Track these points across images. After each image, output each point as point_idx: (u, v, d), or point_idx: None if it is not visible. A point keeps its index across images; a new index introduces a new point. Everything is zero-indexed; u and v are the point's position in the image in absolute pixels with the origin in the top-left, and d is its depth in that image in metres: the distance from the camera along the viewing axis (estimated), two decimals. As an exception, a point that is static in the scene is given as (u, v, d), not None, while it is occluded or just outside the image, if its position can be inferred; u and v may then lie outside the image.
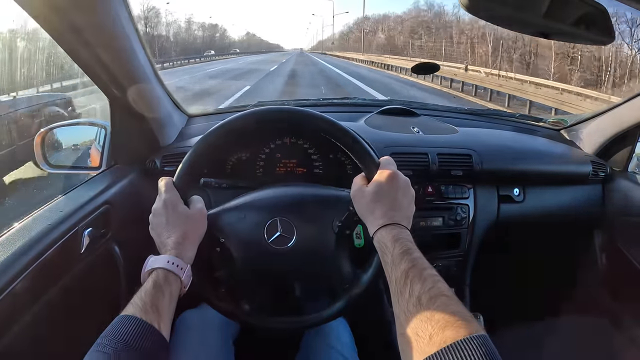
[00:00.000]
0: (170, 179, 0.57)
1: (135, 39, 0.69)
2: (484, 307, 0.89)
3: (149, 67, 0.77)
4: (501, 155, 0.94)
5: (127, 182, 0.82)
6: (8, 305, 0.52)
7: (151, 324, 0.44)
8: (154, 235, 0.56)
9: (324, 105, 1.15)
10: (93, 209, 0.71)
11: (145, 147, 0.86)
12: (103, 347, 0.41)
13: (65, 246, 0.63)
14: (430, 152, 0.86)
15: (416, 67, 1.11)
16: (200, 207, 0.58)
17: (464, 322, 0.36)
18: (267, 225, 0.60)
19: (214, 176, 0.80)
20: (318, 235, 0.60)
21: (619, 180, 0.99)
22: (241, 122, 0.59)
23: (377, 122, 0.98)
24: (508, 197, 0.95)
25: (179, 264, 0.51)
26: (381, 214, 0.52)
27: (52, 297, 0.61)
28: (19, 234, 0.60)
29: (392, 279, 0.46)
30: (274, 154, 0.85)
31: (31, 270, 0.56)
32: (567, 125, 1.13)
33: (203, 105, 5.96)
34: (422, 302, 0.39)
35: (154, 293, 0.47)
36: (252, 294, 0.64)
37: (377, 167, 0.57)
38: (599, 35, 0.53)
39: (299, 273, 0.63)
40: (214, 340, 0.71)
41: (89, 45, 0.62)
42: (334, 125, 0.59)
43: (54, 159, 0.84)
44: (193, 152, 0.58)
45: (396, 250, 0.47)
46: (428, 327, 0.36)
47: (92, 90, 0.92)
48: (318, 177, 0.85)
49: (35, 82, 2.71)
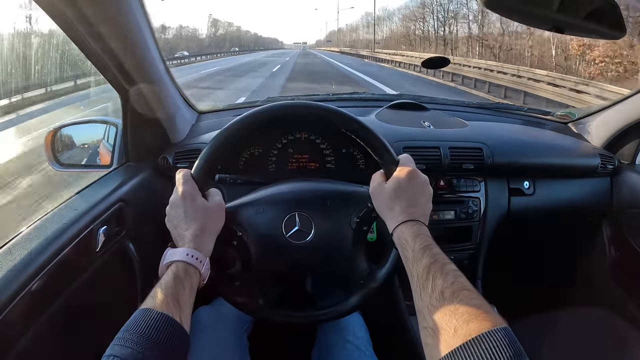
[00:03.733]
0: (189, 171, 0.57)
1: (148, 34, 0.68)
2: (496, 299, 0.89)
3: (161, 63, 0.76)
4: (511, 148, 0.94)
5: (139, 180, 0.81)
6: (26, 305, 0.52)
7: (173, 317, 0.43)
8: (170, 227, 0.55)
9: (334, 101, 1.15)
10: (107, 207, 0.70)
11: (156, 144, 0.85)
12: (125, 341, 0.39)
13: (81, 245, 0.63)
14: (442, 145, 0.87)
15: (426, 61, 1.11)
16: (219, 199, 0.58)
17: (487, 314, 0.36)
18: (286, 219, 0.60)
19: (227, 172, 0.80)
20: (336, 231, 0.61)
21: (627, 173, 0.99)
22: (266, 115, 0.59)
23: (388, 116, 0.98)
24: (518, 190, 0.95)
25: (198, 256, 0.50)
26: (401, 211, 0.53)
27: (69, 296, 0.61)
28: (34, 234, 0.59)
29: (413, 274, 0.46)
30: (287, 149, 0.85)
31: (48, 270, 0.56)
32: (575, 119, 1.13)
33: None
34: (445, 296, 0.40)
35: (174, 286, 0.46)
36: (268, 287, 0.64)
37: (396, 165, 0.57)
38: (610, 30, 0.54)
39: (316, 268, 0.63)
40: (229, 335, 0.71)
41: (101, 39, 0.61)
42: (356, 122, 0.59)
43: (65, 157, 0.83)
44: (212, 144, 0.57)
45: (417, 246, 0.48)
46: (452, 321, 0.37)
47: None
48: (330, 172, 0.85)
49: (48, 79, 2.62)
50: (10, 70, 1.54)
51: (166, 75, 0.80)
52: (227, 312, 0.72)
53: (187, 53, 31.65)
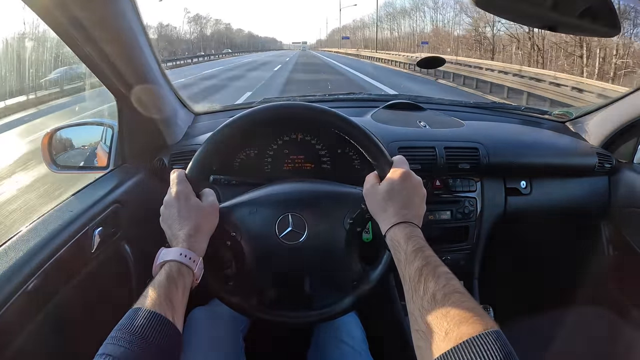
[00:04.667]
0: (183, 171, 0.57)
1: (142, 36, 0.69)
2: (492, 299, 0.89)
3: (156, 65, 0.77)
4: (508, 148, 0.94)
5: (135, 181, 0.82)
6: (22, 305, 0.52)
7: (165, 317, 0.43)
8: (164, 227, 0.55)
9: (330, 101, 1.15)
10: (103, 209, 0.71)
11: (152, 146, 0.86)
12: (118, 340, 0.40)
13: (76, 246, 0.63)
14: (438, 145, 0.86)
15: (422, 61, 1.10)
16: (213, 200, 0.58)
17: (479, 317, 0.36)
18: (279, 220, 0.60)
19: (223, 173, 0.80)
20: (329, 232, 0.61)
21: (624, 172, 0.99)
22: (261, 115, 0.59)
23: (384, 116, 0.98)
24: (515, 190, 0.95)
25: (191, 256, 0.50)
26: (394, 212, 0.53)
27: (64, 297, 0.62)
28: (30, 235, 0.60)
29: (405, 276, 0.46)
30: (282, 150, 0.85)
31: (43, 270, 0.56)
32: (572, 118, 1.12)
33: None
34: (437, 299, 0.40)
35: (167, 286, 0.46)
36: (262, 288, 0.64)
37: (390, 166, 0.57)
38: (605, 27, 0.53)
39: (309, 269, 0.64)
40: (224, 336, 0.71)
41: (96, 43, 0.62)
42: (349, 123, 0.59)
43: (62, 159, 0.84)
44: (207, 144, 0.58)
45: (409, 248, 0.48)
46: (444, 324, 0.37)
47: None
48: (326, 172, 0.85)
49: (44, 83, 2.72)
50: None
51: (161, 77, 0.80)
52: (223, 312, 0.72)
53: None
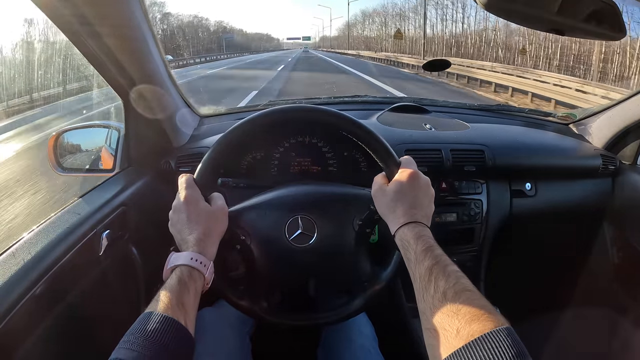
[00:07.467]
0: (191, 175, 0.57)
1: (150, 38, 0.69)
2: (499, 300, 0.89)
3: (163, 67, 0.77)
4: (513, 150, 0.94)
5: (142, 184, 0.81)
6: (30, 309, 0.52)
7: (178, 321, 0.43)
8: (173, 231, 0.55)
9: (335, 104, 1.15)
10: (110, 211, 0.71)
11: (158, 148, 0.85)
12: (131, 344, 0.39)
13: (84, 249, 0.63)
14: (444, 148, 0.87)
15: (428, 64, 1.11)
16: (222, 204, 0.58)
17: (490, 315, 0.36)
18: (288, 223, 0.60)
19: (230, 176, 0.80)
20: (339, 234, 0.61)
21: (628, 173, 0.99)
22: (268, 119, 0.59)
23: (389, 119, 0.99)
24: (520, 192, 0.95)
25: (202, 260, 0.50)
26: (402, 213, 0.53)
27: (72, 300, 0.61)
28: (38, 238, 0.59)
29: (415, 275, 0.46)
30: (289, 152, 0.85)
31: (52, 274, 0.56)
32: (576, 120, 1.13)
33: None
34: (448, 297, 0.40)
35: (179, 289, 0.46)
36: (271, 291, 0.64)
37: (398, 167, 0.57)
38: (610, 31, 0.54)
39: (319, 271, 0.63)
40: (231, 336, 0.71)
41: (104, 44, 0.62)
42: (357, 126, 0.59)
43: (68, 162, 0.83)
44: (214, 148, 0.58)
45: (419, 248, 0.48)
46: (455, 322, 0.37)
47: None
48: (332, 175, 0.85)
49: (52, 84, 2.74)
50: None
51: (168, 79, 0.81)
52: (230, 313, 0.72)
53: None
